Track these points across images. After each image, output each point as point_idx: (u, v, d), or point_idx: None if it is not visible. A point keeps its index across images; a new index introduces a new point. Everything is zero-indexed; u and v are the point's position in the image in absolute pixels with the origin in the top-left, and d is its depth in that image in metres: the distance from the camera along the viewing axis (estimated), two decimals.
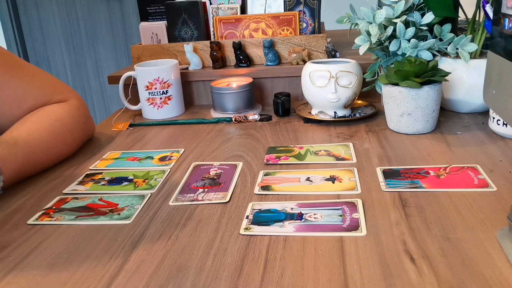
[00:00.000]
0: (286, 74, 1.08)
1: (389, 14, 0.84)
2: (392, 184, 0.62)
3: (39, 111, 0.78)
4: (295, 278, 0.44)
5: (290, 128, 0.90)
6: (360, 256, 0.47)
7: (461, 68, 0.85)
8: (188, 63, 1.13)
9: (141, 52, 1.15)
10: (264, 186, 0.65)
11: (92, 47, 2.86)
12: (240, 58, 1.10)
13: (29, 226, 0.58)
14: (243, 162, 0.74)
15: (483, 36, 0.84)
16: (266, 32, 1.13)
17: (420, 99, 0.77)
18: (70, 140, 0.81)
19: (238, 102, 0.99)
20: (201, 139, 0.87)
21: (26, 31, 2.88)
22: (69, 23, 2.82)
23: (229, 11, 1.15)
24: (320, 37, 1.09)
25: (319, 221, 0.54)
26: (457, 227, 0.51)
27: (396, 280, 0.43)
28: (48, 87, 0.82)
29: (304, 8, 1.12)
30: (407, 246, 0.48)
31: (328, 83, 0.87)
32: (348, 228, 0.52)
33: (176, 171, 0.73)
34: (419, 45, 0.85)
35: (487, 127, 0.81)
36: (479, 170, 0.64)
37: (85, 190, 0.68)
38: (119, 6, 2.75)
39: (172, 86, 1.01)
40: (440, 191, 0.59)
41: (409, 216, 0.54)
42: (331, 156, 0.74)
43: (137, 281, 0.45)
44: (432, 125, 0.81)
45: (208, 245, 0.51)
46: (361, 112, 0.93)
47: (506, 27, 0.47)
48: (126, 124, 0.99)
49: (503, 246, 0.46)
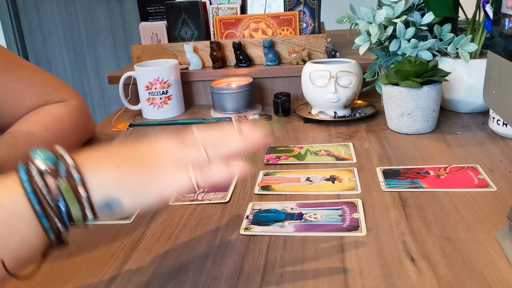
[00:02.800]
0: (286, 74, 1.07)
1: (389, 14, 0.84)
2: (392, 184, 0.62)
3: (39, 111, 0.78)
4: (295, 278, 0.44)
5: (290, 128, 0.90)
6: (360, 256, 0.47)
7: (461, 68, 0.85)
8: (188, 63, 1.13)
9: (141, 52, 1.15)
10: (264, 186, 0.65)
11: (92, 47, 2.86)
12: (240, 58, 1.10)
13: None
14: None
15: (483, 36, 0.84)
16: (266, 32, 1.13)
17: (420, 99, 0.77)
18: (70, 139, 0.81)
19: (238, 102, 0.99)
20: None
21: (26, 31, 2.88)
22: (69, 23, 2.82)
23: (229, 11, 1.15)
24: (320, 37, 1.09)
25: (319, 221, 0.54)
26: (457, 227, 0.51)
27: (396, 280, 0.43)
28: (49, 86, 0.82)
29: (304, 8, 1.12)
30: (407, 246, 0.48)
31: (328, 83, 0.87)
32: (348, 228, 0.52)
33: None
34: (419, 45, 0.85)
35: (487, 127, 0.81)
36: (479, 170, 0.64)
37: None
38: (119, 6, 2.75)
39: (172, 86, 1.01)
40: (440, 191, 0.59)
41: (409, 216, 0.54)
42: (331, 156, 0.74)
43: (137, 281, 0.45)
44: (432, 125, 0.81)
45: (208, 245, 0.51)
46: (361, 112, 0.93)
47: (506, 27, 0.47)
48: (126, 124, 0.99)
49: (503, 246, 0.46)
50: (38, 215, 0.36)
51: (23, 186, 0.37)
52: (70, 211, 0.37)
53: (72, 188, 0.37)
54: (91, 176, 0.38)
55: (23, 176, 0.38)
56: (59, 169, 0.38)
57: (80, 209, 0.37)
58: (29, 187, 0.37)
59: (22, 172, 0.38)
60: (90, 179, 0.38)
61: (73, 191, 0.37)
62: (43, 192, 0.37)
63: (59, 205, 0.37)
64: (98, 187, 0.38)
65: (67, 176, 0.38)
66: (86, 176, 0.38)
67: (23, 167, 0.39)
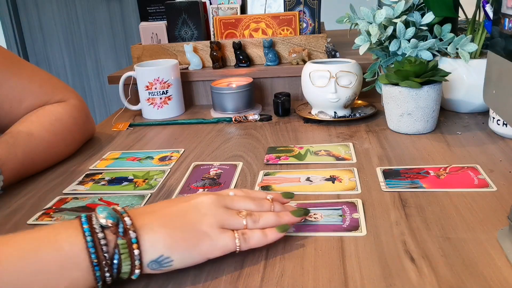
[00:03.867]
0: (286, 74, 1.08)
1: (389, 14, 0.84)
2: (392, 184, 0.62)
3: (39, 111, 0.78)
4: (295, 278, 0.44)
5: (290, 128, 0.90)
6: (360, 256, 0.47)
7: (461, 68, 0.85)
8: (188, 63, 1.13)
9: (141, 52, 1.15)
10: (264, 186, 0.65)
11: (92, 47, 2.86)
12: (240, 58, 1.10)
13: (29, 226, 0.58)
14: (243, 162, 0.74)
15: (483, 36, 0.84)
16: (266, 32, 1.13)
17: (420, 99, 0.77)
18: (70, 139, 0.81)
19: (238, 102, 0.99)
20: (201, 139, 0.87)
21: (26, 31, 2.88)
22: (69, 23, 2.82)
23: (229, 11, 1.15)
24: (320, 37, 1.09)
25: (319, 221, 0.54)
26: (457, 227, 0.51)
27: (396, 280, 0.43)
28: (48, 86, 0.82)
29: (304, 8, 1.12)
30: (407, 246, 0.48)
31: (328, 83, 0.87)
32: (348, 228, 0.52)
33: (176, 171, 0.73)
34: (419, 45, 0.85)
35: (487, 127, 0.81)
36: (479, 170, 0.64)
37: (85, 190, 0.68)
38: (119, 6, 2.75)
39: (172, 86, 1.01)
40: (440, 191, 0.59)
41: (409, 216, 0.54)
42: (331, 156, 0.74)
43: (137, 281, 0.45)
44: (432, 125, 0.81)
45: None
46: (361, 112, 0.93)
47: (506, 27, 0.47)
48: (126, 124, 0.99)
49: (503, 246, 0.46)
50: (93, 264, 0.40)
51: (84, 235, 0.41)
52: (121, 265, 0.41)
53: (128, 246, 0.41)
54: (146, 236, 0.43)
55: (85, 225, 0.41)
56: (119, 227, 0.42)
57: (131, 265, 0.42)
58: (90, 237, 0.41)
59: (84, 222, 0.42)
60: (145, 239, 0.42)
61: (128, 248, 0.41)
62: (102, 244, 0.41)
63: (113, 258, 0.41)
64: (152, 247, 0.42)
65: (124, 233, 0.42)
66: (141, 236, 0.42)
67: (85, 218, 0.42)
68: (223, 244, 0.45)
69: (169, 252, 0.43)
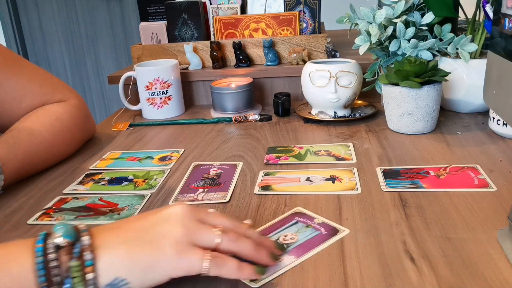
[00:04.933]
0: (286, 74, 1.08)
1: (389, 14, 0.84)
2: (392, 184, 0.62)
3: (39, 111, 0.78)
4: (295, 278, 0.44)
5: (290, 128, 0.90)
6: (360, 256, 0.47)
7: (461, 68, 0.85)
8: (188, 63, 1.13)
9: (141, 52, 1.15)
10: (264, 186, 0.65)
11: (92, 47, 2.86)
12: (240, 58, 1.10)
13: (29, 226, 0.58)
14: (243, 162, 0.74)
15: (483, 36, 0.84)
16: (266, 32, 1.13)
17: (420, 99, 0.77)
18: (70, 139, 0.81)
19: (238, 102, 0.99)
20: (201, 139, 0.87)
21: (26, 31, 2.88)
22: (69, 23, 2.83)
23: (229, 11, 1.15)
24: (320, 37, 1.09)
25: (299, 240, 0.50)
26: (457, 227, 0.51)
27: (396, 280, 0.43)
28: (48, 85, 0.82)
29: (304, 8, 1.12)
30: (407, 246, 0.48)
31: (328, 83, 0.87)
32: (331, 233, 0.51)
33: (176, 171, 0.73)
34: (419, 45, 0.85)
35: (487, 127, 0.81)
36: (479, 170, 0.64)
37: (85, 190, 0.68)
38: (119, 6, 2.75)
39: (172, 86, 1.01)
40: (440, 191, 0.59)
41: (409, 216, 0.54)
42: (331, 156, 0.74)
43: None
44: (432, 125, 0.81)
45: None
46: (361, 112, 0.93)
47: (506, 27, 0.47)
48: (126, 124, 0.99)
49: (503, 246, 0.46)
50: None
51: (36, 255, 0.37)
52: None
53: (82, 268, 0.38)
54: (103, 257, 0.39)
55: (39, 244, 0.38)
56: (75, 247, 0.38)
57: None
58: (41, 258, 0.37)
59: (39, 241, 0.38)
60: (101, 260, 0.38)
61: (82, 271, 0.37)
62: (52, 266, 0.37)
63: (64, 282, 0.37)
64: (108, 269, 0.38)
65: (80, 255, 0.38)
66: (98, 257, 0.38)
67: (44, 235, 0.39)
68: (188, 265, 0.40)
69: (126, 274, 0.39)
